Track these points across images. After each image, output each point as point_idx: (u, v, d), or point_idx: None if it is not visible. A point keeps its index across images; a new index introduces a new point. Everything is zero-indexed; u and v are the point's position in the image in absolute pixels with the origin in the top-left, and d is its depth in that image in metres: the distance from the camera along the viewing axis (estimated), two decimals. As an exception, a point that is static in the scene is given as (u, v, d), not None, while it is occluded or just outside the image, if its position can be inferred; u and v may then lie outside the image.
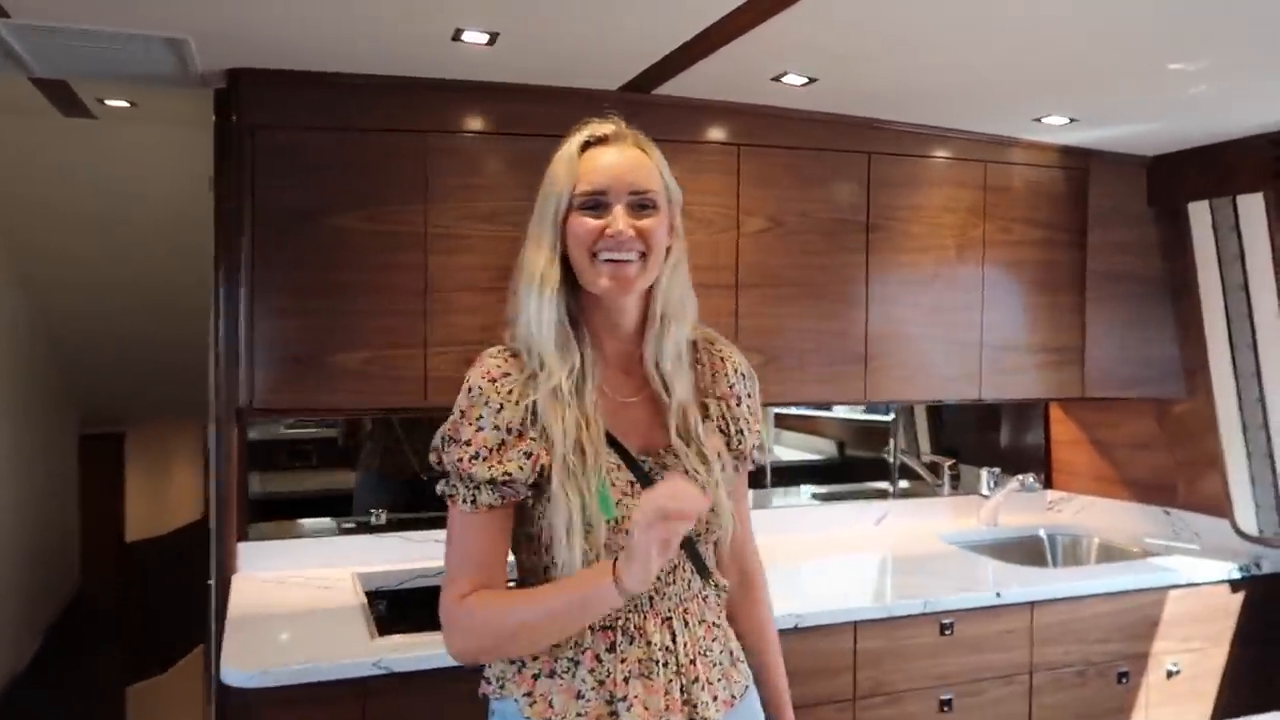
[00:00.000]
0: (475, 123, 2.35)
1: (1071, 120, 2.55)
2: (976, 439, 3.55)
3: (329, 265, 2.26)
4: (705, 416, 1.37)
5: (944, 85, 2.32)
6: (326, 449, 3.02)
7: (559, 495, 1.24)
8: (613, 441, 1.30)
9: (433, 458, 1.31)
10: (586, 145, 1.31)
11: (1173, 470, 3.22)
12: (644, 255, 1.28)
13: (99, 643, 5.22)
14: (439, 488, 1.31)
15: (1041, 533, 3.35)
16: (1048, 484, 3.53)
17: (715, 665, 1.34)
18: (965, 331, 2.83)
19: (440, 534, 2.68)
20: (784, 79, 2.25)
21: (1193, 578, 2.78)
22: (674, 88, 2.38)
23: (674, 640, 1.29)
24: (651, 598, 1.28)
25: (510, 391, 1.27)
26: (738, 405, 1.42)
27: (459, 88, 2.31)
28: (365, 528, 2.69)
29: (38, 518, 4.88)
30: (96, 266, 3.97)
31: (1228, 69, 2.06)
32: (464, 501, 1.27)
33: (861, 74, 2.24)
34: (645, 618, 1.28)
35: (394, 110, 2.28)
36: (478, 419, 1.27)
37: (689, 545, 1.32)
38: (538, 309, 1.28)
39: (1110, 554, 3.20)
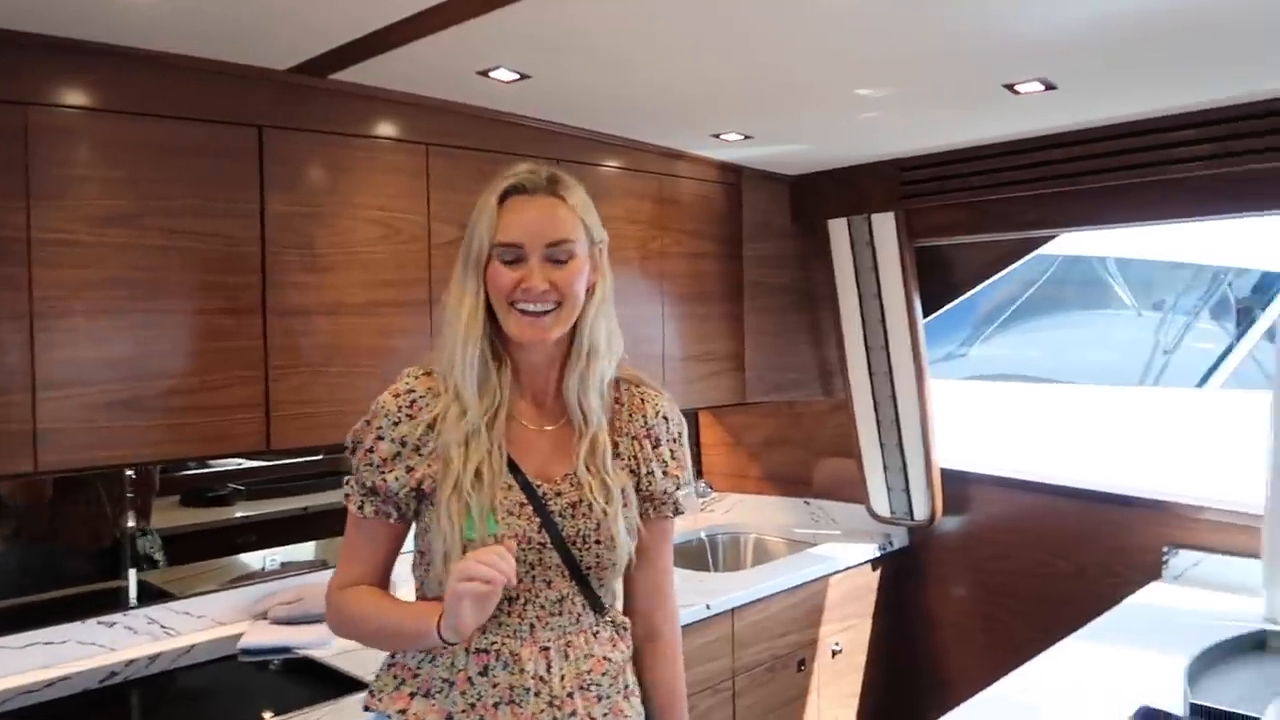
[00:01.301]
0: (101, 97, 1.80)
1: (745, 137, 2.64)
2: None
3: (-126, 283, 1.59)
4: (615, 454, 1.39)
5: (645, 94, 2.26)
6: None
7: (442, 516, 1.28)
8: (512, 466, 1.34)
9: (347, 454, 1.37)
10: (505, 195, 1.33)
11: (806, 464, 3.53)
12: (560, 304, 1.31)
13: None
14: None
15: (703, 535, 3.48)
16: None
17: (601, 700, 1.35)
18: (649, 345, 2.82)
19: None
20: (493, 74, 2.03)
21: (848, 561, 3.05)
22: (357, 74, 2.04)
23: (549, 670, 1.31)
24: (533, 625, 1.32)
25: (411, 407, 1.34)
26: (653, 447, 1.42)
27: (81, 50, 1.75)
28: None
29: None
30: None
31: (902, 99, 2.24)
32: (355, 506, 1.36)
33: (573, 75, 2.09)
34: (522, 644, 1.31)
35: (-21, 70, 1.67)
36: (377, 428, 1.34)
37: (580, 579, 1.34)
38: (461, 353, 1.32)
39: (767, 548, 3.41)
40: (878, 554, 3.16)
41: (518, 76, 2.05)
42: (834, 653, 3.00)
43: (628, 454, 1.40)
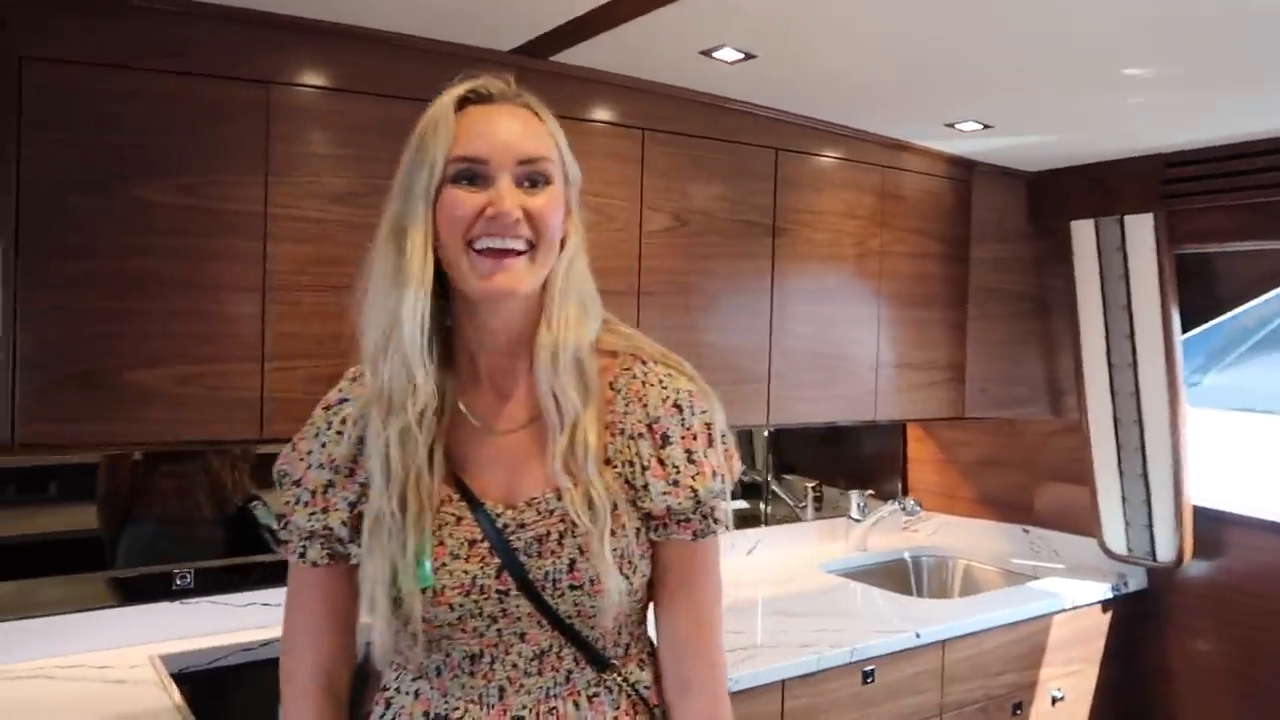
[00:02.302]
0: (336, 77, 1.84)
1: (984, 126, 2.41)
2: (819, 457, 3.34)
3: (128, 251, 1.68)
4: (606, 460, 1.06)
5: (878, 74, 2.08)
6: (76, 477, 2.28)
7: (364, 559, 1.02)
8: (461, 487, 1.05)
9: (278, 490, 1.11)
10: (464, 102, 1.04)
11: (1028, 488, 3.21)
12: (534, 245, 1.00)
13: None
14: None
15: (906, 556, 3.25)
16: (905, 503, 3.44)
17: None
18: (859, 348, 2.63)
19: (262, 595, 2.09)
20: (717, 54, 1.92)
21: (1075, 600, 2.74)
22: (578, 56, 2.00)
23: None
24: (502, 688, 1.04)
25: (341, 421, 1.07)
26: (659, 447, 1.06)
27: (319, 30, 1.80)
28: (164, 591, 2.09)
29: None
30: None
31: (1178, 81, 1.96)
32: (294, 554, 1.08)
33: (802, 53, 1.95)
34: (488, 712, 1.04)
35: (227, 51, 1.73)
36: (307, 453, 1.08)
37: (565, 628, 1.04)
38: (403, 318, 0.98)
39: (977, 577, 3.14)
40: (1110, 595, 2.83)
41: (742, 56, 1.94)
42: (1054, 700, 2.70)
43: (621, 459, 1.06)
